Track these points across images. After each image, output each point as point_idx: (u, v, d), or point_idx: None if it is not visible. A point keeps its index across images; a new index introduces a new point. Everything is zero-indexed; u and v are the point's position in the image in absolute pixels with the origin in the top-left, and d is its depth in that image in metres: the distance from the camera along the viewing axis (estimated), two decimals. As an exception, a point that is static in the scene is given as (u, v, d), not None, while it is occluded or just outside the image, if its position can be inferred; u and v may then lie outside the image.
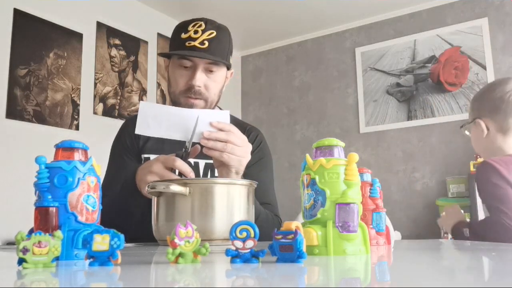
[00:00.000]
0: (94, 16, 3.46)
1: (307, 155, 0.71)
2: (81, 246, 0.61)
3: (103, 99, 3.46)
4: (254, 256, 0.54)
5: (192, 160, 1.28)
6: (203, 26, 1.22)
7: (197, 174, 1.29)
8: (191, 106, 1.24)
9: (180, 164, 1.05)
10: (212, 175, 1.29)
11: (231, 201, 0.92)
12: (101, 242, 0.52)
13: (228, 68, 1.33)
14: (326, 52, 4.41)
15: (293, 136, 4.45)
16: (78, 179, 0.63)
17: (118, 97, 3.57)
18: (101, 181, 0.68)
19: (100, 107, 3.42)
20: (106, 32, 3.53)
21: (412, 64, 3.94)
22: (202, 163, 1.30)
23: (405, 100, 3.93)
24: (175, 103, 1.28)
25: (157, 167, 1.05)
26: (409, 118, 3.88)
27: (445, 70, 3.78)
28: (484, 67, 3.62)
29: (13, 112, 2.89)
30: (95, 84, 3.42)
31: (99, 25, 3.49)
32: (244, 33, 4.44)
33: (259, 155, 1.38)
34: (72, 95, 3.25)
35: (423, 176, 3.78)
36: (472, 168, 3.15)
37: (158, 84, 3.92)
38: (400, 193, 3.84)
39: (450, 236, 1.51)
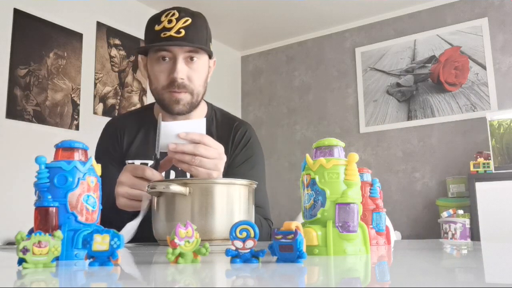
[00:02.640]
0: (94, 16, 3.46)
1: (307, 155, 0.71)
2: (81, 246, 0.61)
3: (103, 99, 3.46)
4: (254, 256, 0.54)
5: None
6: (177, 15, 1.15)
7: None
8: (176, 100, 1.19)
9: (150, 174, 1.01)
10: None
11: (231, 201, 0.92)
12: (101, 242, 0.52)
13: (210, 56, 1.26)
14: (326, 52, 4.41)
15: (293, 136, 4.44)
16: (78, 179, 0.63)
17: (118, 97, 3.57)
18: None
19: (100, 107, 3.42)
20: (106, 32, 3.53)
21: (412, 64, 3.93)
22: None
23: (405, 100, 3.93)
24: (159, 100, 1.23)
25: (126, 177, 1.03)
26: (409, 118, 3.88)
27: (445, 70, 3.77)
28: (484, 67, 3.62)
29: (13, 112, 2.89)
30: (95, 84, 3.42)
31: (99, 25, 3.49)
32: (244, 33, 4.44)
33: (247, 153, 1.31)
34: (72, 95, 3.25)
35: (423, 176, 3.78)
36: (472, 168, 3.14)
37: (158, 84, 3.92)
38: (400, 193, 3.84)
39: (450, 236, 1.50)
